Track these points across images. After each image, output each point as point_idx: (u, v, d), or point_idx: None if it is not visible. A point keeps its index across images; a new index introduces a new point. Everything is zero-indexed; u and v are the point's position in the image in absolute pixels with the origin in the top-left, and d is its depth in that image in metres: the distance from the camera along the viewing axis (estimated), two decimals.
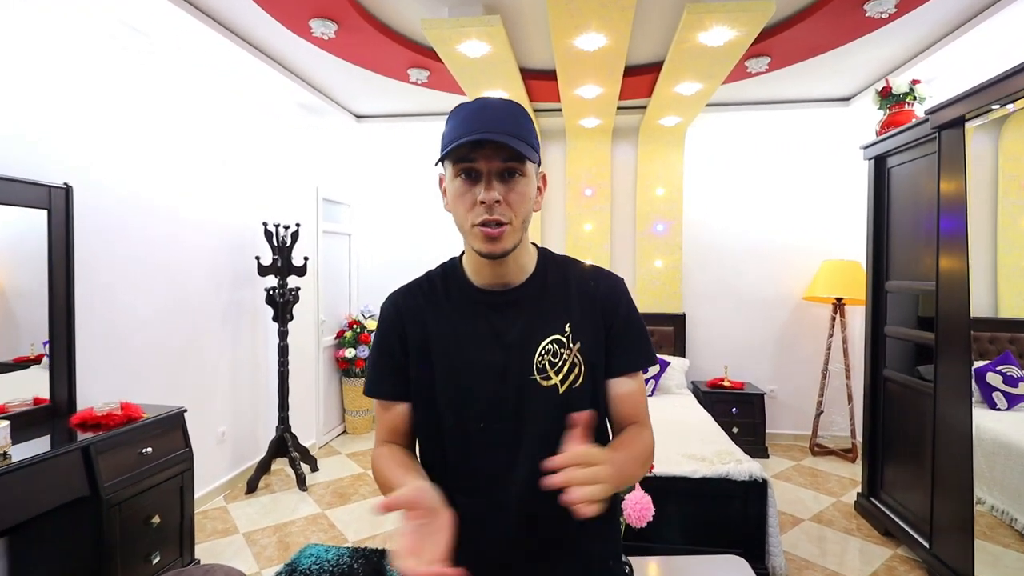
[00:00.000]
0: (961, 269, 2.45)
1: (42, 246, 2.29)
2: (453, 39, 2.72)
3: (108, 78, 2.64)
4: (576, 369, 0.94)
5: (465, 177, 0.89)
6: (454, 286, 1.00)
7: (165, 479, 2.38)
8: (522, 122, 0.89)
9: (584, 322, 0.96)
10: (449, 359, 0.95)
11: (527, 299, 0.97)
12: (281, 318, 3.59)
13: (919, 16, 2.76)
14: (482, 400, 0.93)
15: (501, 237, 0.88)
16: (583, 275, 1.02)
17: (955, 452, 2.48)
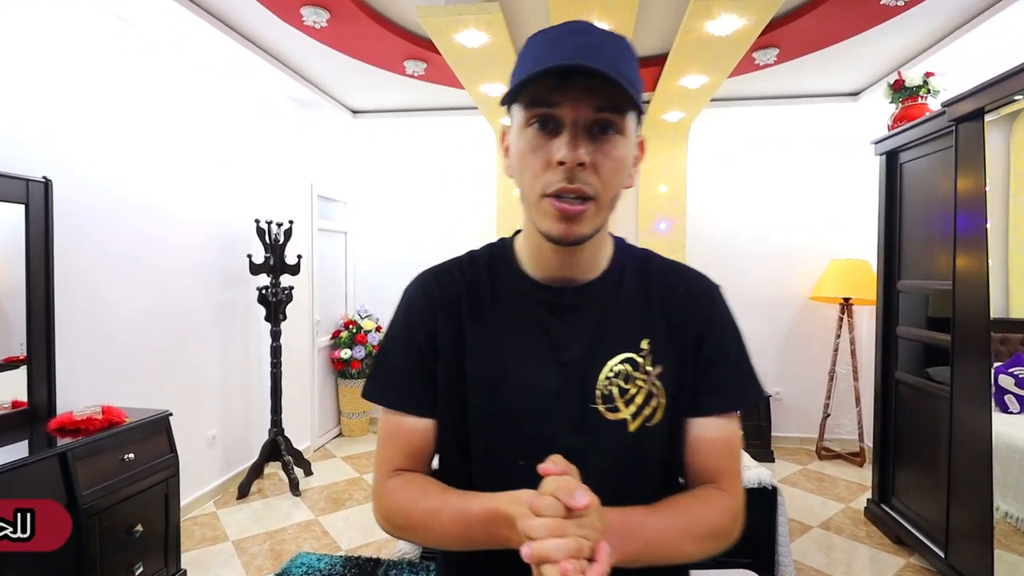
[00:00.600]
0: (980, 268, 2.35)
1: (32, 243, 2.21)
2: (450, 28, 2.61)
3: (93, 72, 2.54)
4: (654, 401, 0.70)
5: (540, 127, 0.63)
6: (503, 276, 0.76)
7: (149, 486, 2.27)
8: (627, 58, 0.63)
9: (668, 339, 0.72)
10: (487, 373, 0.71)
11: (596, 303, 0.73)
12: (273, 318, 3.49)
13: (932, 6, 2.67)
14: (526, 431, 0.70)
15: (581, 217, 0.63)
16: (670, 276, 0.77)
17: (973, 457, 2.38)
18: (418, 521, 0.68)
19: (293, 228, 3.60)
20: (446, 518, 0.66)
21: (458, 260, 0.80)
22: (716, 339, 0.74)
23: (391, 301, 3.61)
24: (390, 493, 0.72)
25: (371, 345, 4.53)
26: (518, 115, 0.66)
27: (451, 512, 0.66)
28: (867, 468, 3.90)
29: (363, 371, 4.56)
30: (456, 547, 0.69)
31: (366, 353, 4.49)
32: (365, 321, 4.60)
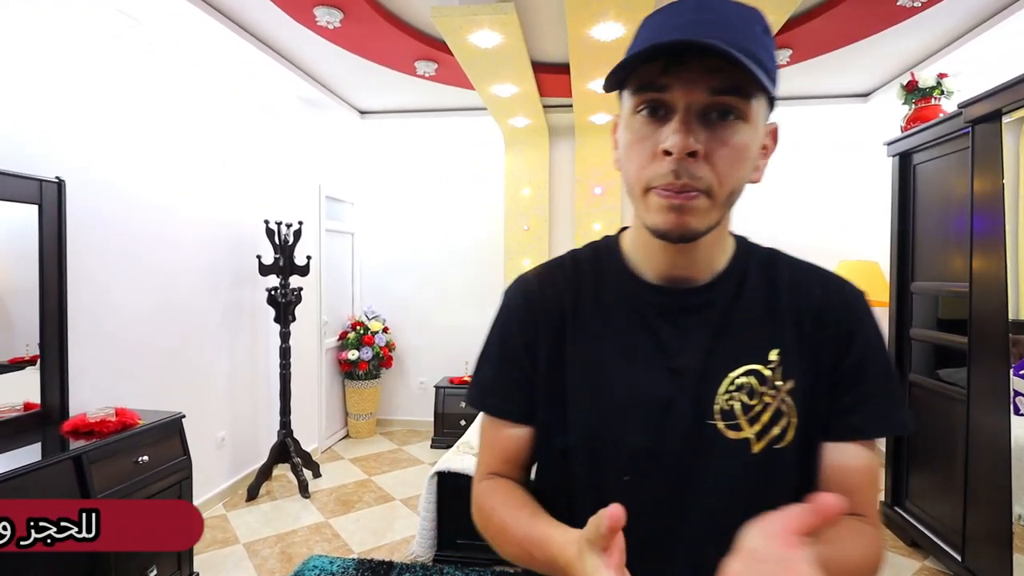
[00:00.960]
0: (998, 270, 2.35)
1: (36, 244, 2.18)
2: (464, 28, 2.60)
3: (102, 72, 2.52)
4: (783, 420, 0.62)
5: (649, 114, 0.57)
6: (608, 277, 0.70)
7: (162, 489, 2.25)
8: (755, 34, 0.55)
9: (801, 351, 0.64)
10: (589, 381, 0.66)
11: (715, 307, 0.65)
12: (283, 319, 3.48)
13: (946, 7, 2.66)
14: (631, 445, 0.63)
15: (691, 209, 0.57)
16: (803, 280, 0.68)
17: (991, 460, 2.37)
18: (493, 530, 0.67)
19: (302, 229, 3.58)
20: (512, 537, 0.64)
21: (559, 261, 0.74)
22: (860, 354, 0.64)
23: (397, 302, 3.63)
24: (479, 495, 0.71)
25: (378, 346, 4.51)
26: (627, 102, 0.59)
27: (517, 533, 0.63)
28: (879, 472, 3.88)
29: (370, 372, 4.55)
30: (522, 565, 0.65)
31: (373, 354, 4.48)
32: (372, 322, 4.58)
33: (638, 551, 0.59)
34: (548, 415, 0.69)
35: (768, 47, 0.57)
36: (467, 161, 4.78)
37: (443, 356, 4.82)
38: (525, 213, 4.59)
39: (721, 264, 0.68)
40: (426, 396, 4.81)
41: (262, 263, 3.42)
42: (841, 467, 0.64)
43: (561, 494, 0.68)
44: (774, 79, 0.56)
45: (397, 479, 3.75)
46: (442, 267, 4.81)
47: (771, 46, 0.58)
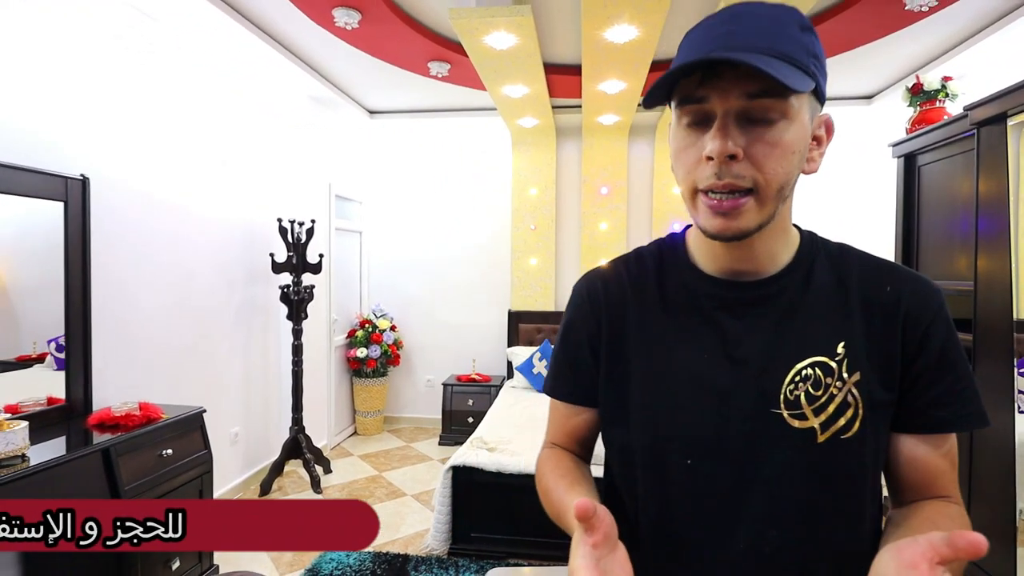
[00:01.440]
0: (1003, 270, 2.40)
1: (46, 241, 2.20)
2: (480, 30, 2.64)
3: (120, 72, 2.55)
4: (849, 410, 0.64)
5: (693, 123, 0.61)
6: (672, 270, 0.73)
7: (185, 482, 2.30)
8: (790, 34, 0.58)
9: (869, 344, 0.66)
10: (651, 368, 0.70)
11: (780, 299, 0.68)
12: (296, 316, 3.51)
13: (951, 11, 2.71)
14: (693, 431, 0.67)
15: (738, 211, 0.60)
16: (874, 275, 0.69)
17: (996, 458, 2.42)
18: (540, 491, 0.77)
19: (314, 228, 3.61)
20: (550, 500, 0.73)
21: (625, 257, 0.80)
22: (940, 350, 0.66)
23: (405, 300, 3.70)
24: (540, 460, 0.81)
25: (386, 344, 4.55)
26: (674, 115, 0.65)
27: (553, 498, 0.72)
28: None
29: (378, 370, 4.58)
30: (559, 524, 0.72)
31: (381, 352, 4.52)
32: (380, 320, 4.62)
33: (700, 532, 0.67)
34: (610, 401, 0.75)
35: (807, 44, 0.59)
36: (474, 161, 4.82)
37: (450, 354, 4.87)
38: (532, 213, 4.63)
39: (786, 258, 0.70)
40: (433, 394, 4.85)
41: (275, 261, 3.46)
42: (926, 458, 0.66)
43: (625, 481, 0.73)
44: (815, 73, 0.59)
45: (407, 475, 3.78)
46: (449, 266, 4.86)
47: (811, 42, 0.60)
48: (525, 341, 4.60)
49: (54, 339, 2.28)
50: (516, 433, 3.08)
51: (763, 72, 0.54)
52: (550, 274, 4.63)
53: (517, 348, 4.49)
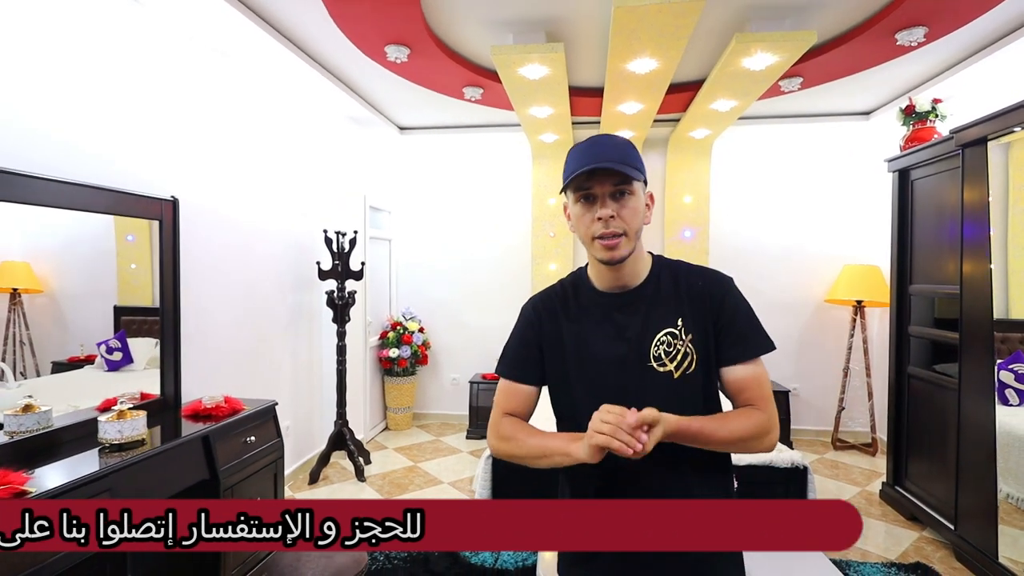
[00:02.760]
0: (984, 274, 2.69)
1: (92, 250, 2.40)
2: (517, 63, 2.96)
3: (196, 105, 2.86)
4: (689, 358, 1.08)
5: (584, 200, 1.07)
6: (582, 292, 1.19)
7: (263, 466, 2.61)
8: (628, 151, 1.07)
9: (694, 317, 1.10)
10: (581, 352, 1.13)
11: (643, 299, 1.13)
12: (340, 319, 3.83)
13: (941, 43, 3.01)
14: (609, 384, 1.09)
15: (617, 246, 1.05)
16: (691, 275, 1.16)
17: (979, 444, 2.70)
18: (512, 443, 1.13)
19: (357, 237, 3.93)
20: (527, 443, 1.11)
21: (553, 287, 1.25)
22: (729, 311, 1.11)
23: (432, 304, 4.15)
24: (503, 425, 1.17)
25: (416, 345, 4.86)
26: (571, 195, 1.10)
27: (531, 441, 1.10)
28: (879, 457, 4.25)
29: (408, 369, 4.90)
30: (532, 463, 1.10)
31: (411, 352, 4.83)
32: (410, 322, 4.93)
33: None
34: (557, 371, 1.16)
35: (635, 155, 1.07)
36: (497, 172, 5.14)
37: (473, 354, 5.18)
38: (551, 221, 4.95)
39: (644, 274, 1.15)
40: (458, 391, 5.16)
41: (321, 268, 3.78)
42: (737, 379, 1.10)
43: (571, 420, 1.15)
44: (643, 171, 1.08)
45: (441, 465, 4.10)
46: (473, 271, 5.17)
47: (636, 154, 1.08)
48: None
49: (103, 342, 2.49)
50: (545, 424, 3.39)
51: (620, 172, 1.03)
52: None
53: None
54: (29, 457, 1.88)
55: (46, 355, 2.26)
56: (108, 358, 2.51)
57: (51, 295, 2.29)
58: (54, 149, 2.11)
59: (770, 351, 1.10)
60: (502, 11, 2.71)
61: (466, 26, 2.90)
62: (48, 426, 2.06)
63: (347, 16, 2.62)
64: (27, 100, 2.00)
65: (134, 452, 2.01)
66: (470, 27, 2.90)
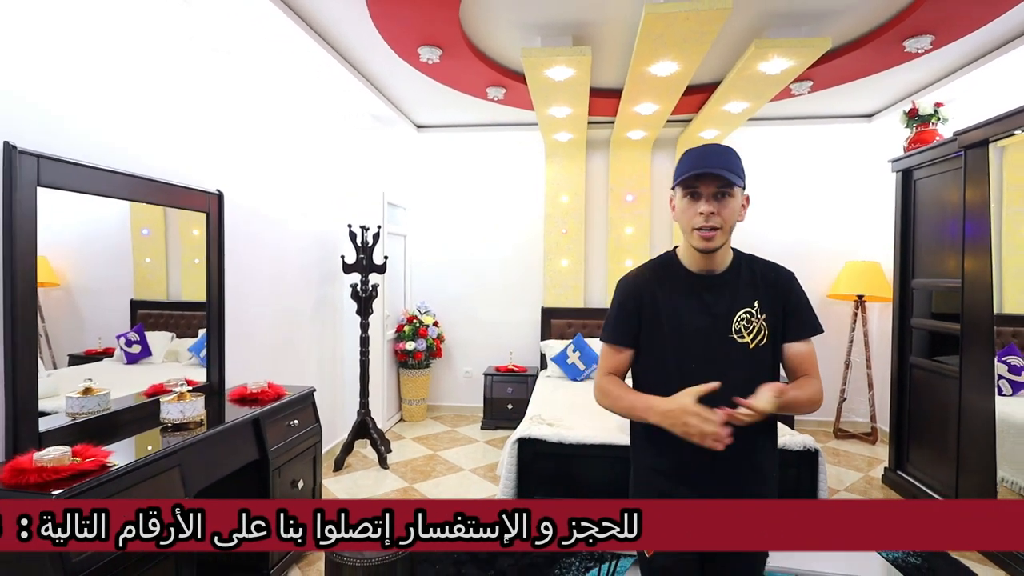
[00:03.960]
0: (985, 269, 2.85)
1: (107, 245, 2.41)
2: (544, 65, 3.08)
3: (234, 107, 2.96)
4: (762, 333, 1.33)
5: (691, 197, 1.31)
6: (673, 271, 1.41)
7: (304, 448, 2.72)
8: (733, 160, 1.30)
9: (767, 301, 1.36)
10: (674, 323, 1.36)
11: (728, 282, 1.37)
12: (364, 312, 3.94)
13: (945, 49, 3.17)
14: (697, 351, 1.33)
15: (713, 238, 1.28)
16: (766, 268, 1.42)
17: (978, 432, 2.85)
18: (611, 397, 1.40)
19: (380, 232, 4.04)
20: (622, 399, 1.37)
21: (646, 265, 1.46)
22: (794, 299, 1.37)
23: (446, 298, 4.38)
24: (607, 382, 1.42)
25: (431, 338, 4.98)
26: (679, 191, 1.33)
27: (626, 397, 1.37)
28: (879, 446, 4.43)
29: (423, 361, 5.01)
30: (623, 414, 1.37)
31: (427, 345, 4.95)
32: (425, 316, 5.05)
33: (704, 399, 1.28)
34: (652, 337, 1.38)
35: (739, 164, 1.30)
36: (511, 170, 5.26)
37: (486, 348, 5.31)
38: (563, 218, 5.08)
39: (728, 262, 1.38)
40: (471, 384, 5.29)
41: (345, 263, 3.88)
42: (792, 354, 1.36)
43: (663, 380, 1.35)
44: (743, 178, 1.30)
45: (459, 454, 4.22)
46: (487, 266, 5.30)
47: (740, 163, 1.31)
48: (557, 335, 5.05)
49: (123, 334, 2.52)
50: (566, 413, 3.53)
51: (724, 177, 1.26)
52: (580, 274, 5.09)
53: (550, 341, 4.94)
54: (93, 436, 1.95)
55: (62, 348, 2.29)
56: (127, 351, 2.55)
57: (67, 288, 2.30)
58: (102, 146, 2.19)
59: (821, 333, 1.38)
60: (533, 14, 2.84)
61: (497, 28, 3.02)
62: (107, 408, 2.17)
63: (386, 16, 2.73)
64: (79, 99, 2.09)
65: (195, 432, 2.12)
66: (501, 29, 3.03)
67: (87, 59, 2.08)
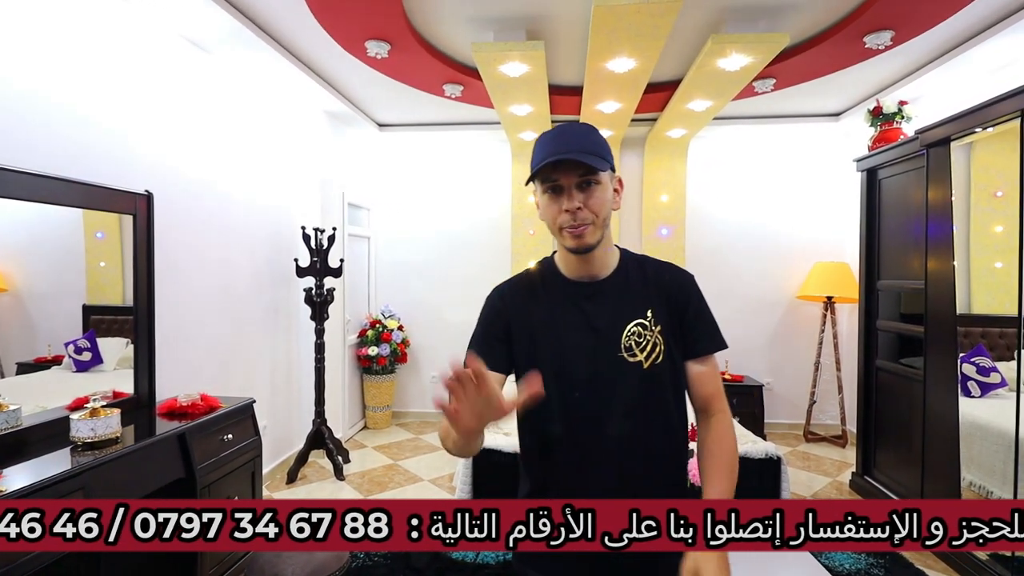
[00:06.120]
0: (948, 269, 2.79)
1: (57, 247, 2.32)
2: (496, 60, 2.97)
3: (172, 98, 2.80)
4: (658, 348, 1.09)
5: (551, 191, 1.06)
6: (549, 280, 1.17)
7: (240, 464, 2.57)
8: (593, 139, 1.06)
9: (662, 309, 1.12)
10: (549, 341, 1.11)
11: (612, 289, 1.13)
12: (318, 317, 3.79)
13: (908, 46, 3.11)
14: (579, 375, 1.08)
15: (584, 234, 1.05)
16: (659, 269, 1.18)
17: (943, 435, 2.79)
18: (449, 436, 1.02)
19: (336, 235, 3.90)
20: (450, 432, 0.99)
21: (520, 275, 1.23)
22: (695, 307, 1.15)
23: (411, 302, 4.18)
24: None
25: (395, 343, 4.84)
26: (538, 186, 1.09)
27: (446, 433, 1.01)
28: (849, 448, 4.37)
29: (387, 367, 4.87)
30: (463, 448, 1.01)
31: (391, 350, 4.81)
32: (389, 320, 4.91)
33: (584, 436, 1.08)
34: (524, 360, 1.13)
35: (601, 142, 1.06)
36: (476, 170, 5.15)
37: (453, 352, 5.14)
38: (531, 218, 4.97)
39: (612, 265, 1.15)
40: (438, 389, 5.15)
41: (299, 266, 3.73)
42: (700, 373, 1.13)
43: (541, 409, 1.04)
44: (609, 160, 1.06)
45: (421, 463, 4.09)
46: (453, 269, 5.17)
47: (602, 141, 1.07)
48: None
49: (72, 342, 2.42)
50: None
51: (586, 163, 1.02)
52: None
53: None
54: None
55: (11, 356, 2.20)
56: (76, 358, 2.44)
57: (16, 294, 2.22)
58: (19, 141, 2.05)
59: (725, 348, 1.16)
60: (483, 8, 2.72)
61: (447, 23, 2.90)
62: (17, 425, 2.01)
63: (327, 10, 2.60)
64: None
65: (108, 451, 1.97)
66: (451, 24, 2.91)
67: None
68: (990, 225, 3.03)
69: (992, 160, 2.97)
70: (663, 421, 1.10)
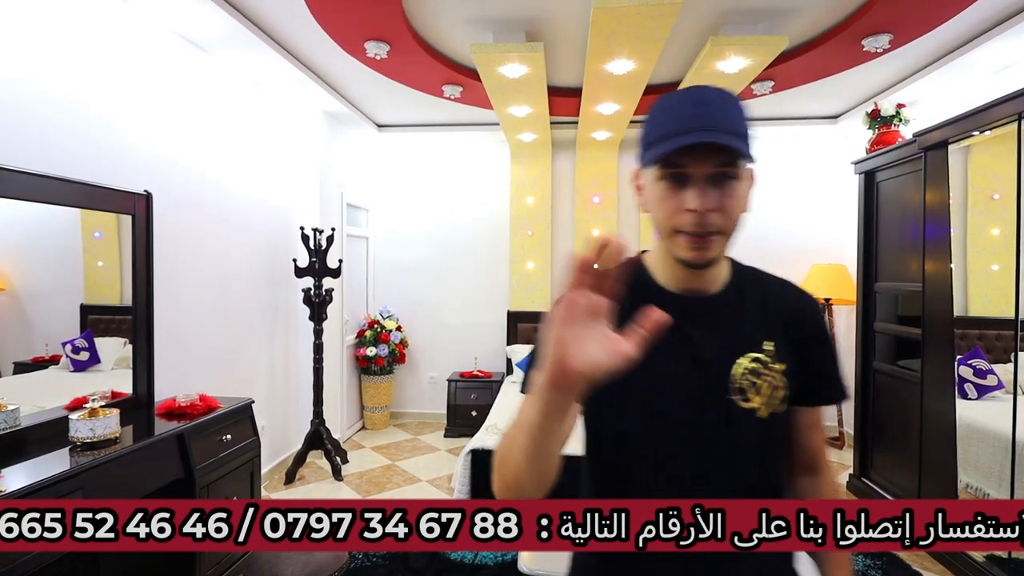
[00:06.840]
0: (945, 272, 2.80)
1: (55, 246, 2.31)
2: (496, 62, 2.98)
3: (171, 99, 2.79)
4: (780, 392, 0.82)
5: (672, 181, 0.76)
6: (640, 289, 0.86)
7: (239, 464, 2.57)
8: (738, 115, 0.76)
9: (786, 341, 0.85)
10: (639, 374, 0.72)
11: (725, 310, 0.85)
12: (317, 317, 3.79)
13: (906, 49, 3.12)
14: (675, 416, 0.81)
15: (710, 246, 0.77)
16: (781, 290, 0.90)
17: (940, 436, 2.80)
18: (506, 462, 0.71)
19: (335, 235, 3.90)
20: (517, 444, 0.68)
21: None
22: (824, 347, 0.89)
23: (409, 302, 4.13)
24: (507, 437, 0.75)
25: (394, 343, 4.84)
26: (651, 169, 0.78)
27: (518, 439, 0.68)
28: (846, 450, 4.38)
29: (385, 367, 4.87)
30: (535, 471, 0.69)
31: (389, 351, 4.80)
32: (387, 321, 4.90)
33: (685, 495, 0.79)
34: (604, 402, 0.82)
35: (744, 120, 0.77)
36: (475, 171, 5.15)
37: (451, 353, 5.18)
38: (529, 220, 4.98)
39: (723, 279, 0.88)
40: (436, 390, 5.15)
41: (298, 266, 3.73)
42: (811, 424, 0.91)
43: (618, 463, 0.84)
44: (751, 144, 0.77)
45: (419, 464, 4.09)
46: (452, 269, 5.18)
47: (745, 117, 0.77)
48: (523, 339, 4.94)
49: (69, 341, 2.41)
50: None
51: (732, 148, 0.73)
52: (546, 277, 4.99)
53: (516, 346, 4.83)
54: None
55: (8, 355, 2.19)
56: (74, 358, 2.44)
57: (13, 293, 2.21)
58: (19, 141, 2.05)
59: (849, 398, 0.93)
60: (483, 9, 2.73)
61: (446, 24, 2.90)
62: (15, 425, 2.01)
63: (327, 11, 2.61)
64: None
65: (106, 451, 1.97)
66: (450, 25, 2.91)
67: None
68: (987, 228, 3.04)
69: (989, 163, 2.98)
70: (771, 490, 0.85)
